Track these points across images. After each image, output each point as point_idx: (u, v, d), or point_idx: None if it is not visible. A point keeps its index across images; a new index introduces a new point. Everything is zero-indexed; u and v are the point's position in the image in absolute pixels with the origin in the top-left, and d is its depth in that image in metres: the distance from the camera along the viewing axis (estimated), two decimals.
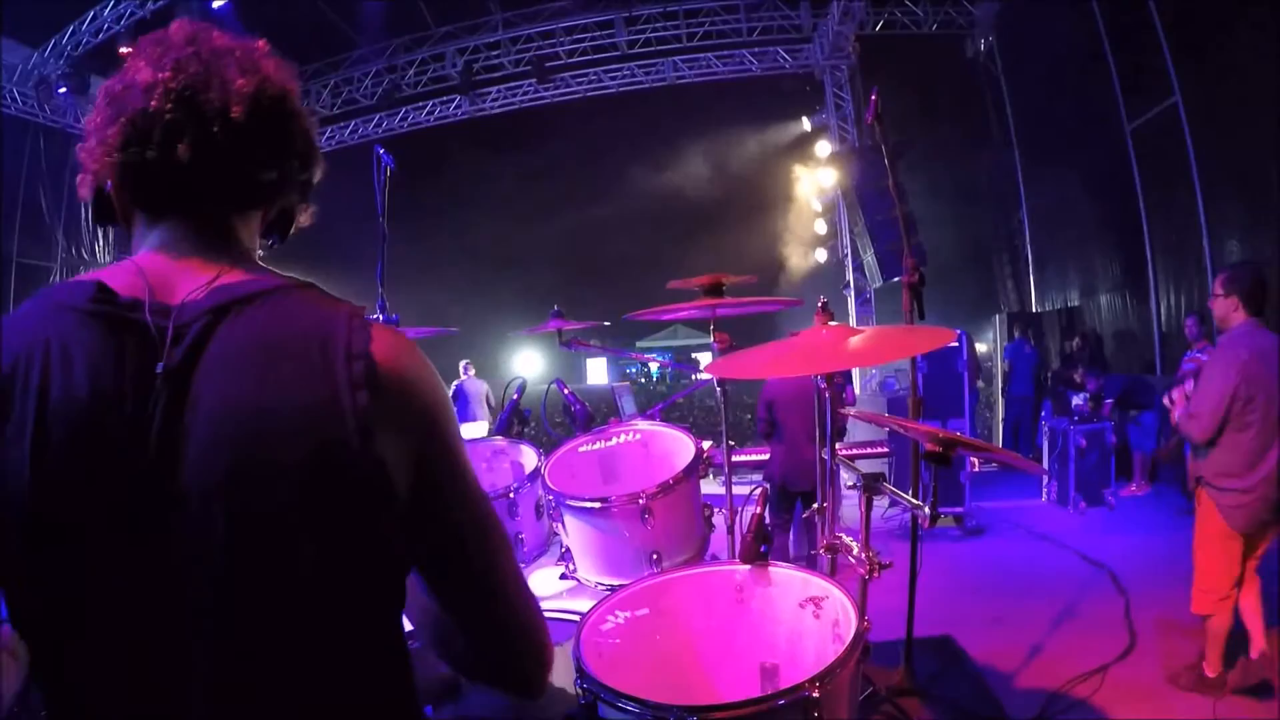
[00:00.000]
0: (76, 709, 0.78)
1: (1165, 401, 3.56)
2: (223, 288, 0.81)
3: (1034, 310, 10.25)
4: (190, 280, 0.82)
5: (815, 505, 2.61)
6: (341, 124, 12.06)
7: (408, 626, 0.91)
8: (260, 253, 0.95)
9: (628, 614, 1.68)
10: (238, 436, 0.74)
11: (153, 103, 0.81)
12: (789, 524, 4.61)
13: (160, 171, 0.82)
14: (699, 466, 2.23)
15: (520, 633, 0.92)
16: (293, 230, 0.99)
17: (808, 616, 1.65)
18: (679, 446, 2.42)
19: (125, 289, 0.80)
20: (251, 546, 0.75)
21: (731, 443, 2.61)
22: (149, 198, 0.86)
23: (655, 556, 2.07)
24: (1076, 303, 9.41)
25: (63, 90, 9.14)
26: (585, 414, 2.55)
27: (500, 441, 2.65)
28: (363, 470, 0.77)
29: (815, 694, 1.28)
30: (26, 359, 0.75)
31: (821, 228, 11.60)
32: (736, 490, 2.41)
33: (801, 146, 11.51)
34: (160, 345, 0.76)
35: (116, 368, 0.75)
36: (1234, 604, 3.13)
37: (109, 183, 0.85)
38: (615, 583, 2.04)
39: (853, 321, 10.32)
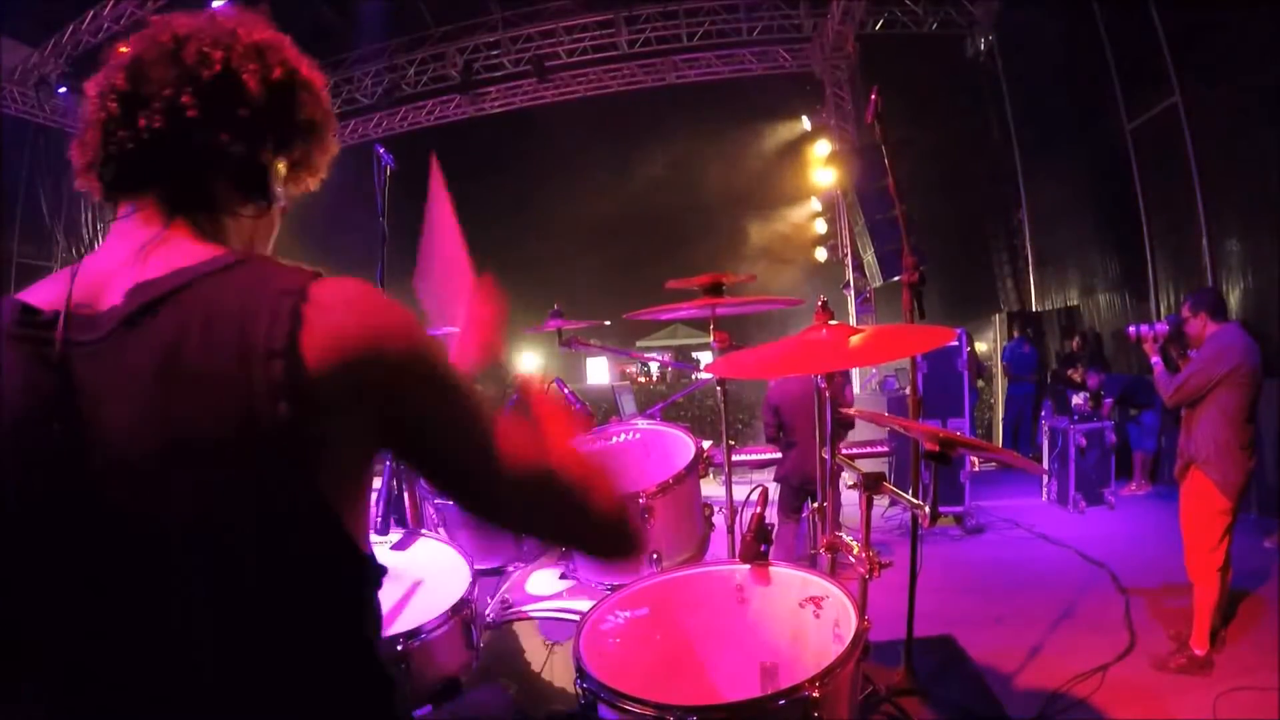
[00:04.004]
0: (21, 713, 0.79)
1: (1131, 330, 3.87)
2: (143, 285, 0.76)
3: (1034, 310, 10.25)
4: (127, 275, 0.78)
5: (815, 505, 2.61)
6: (342, 124, 12.05)
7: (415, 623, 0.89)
8: (252, 214, 0.89)
9: (628, 614, 1.68)
10: (148, 460, 0.71)
11: (87, 107, 0.85)
12: (798, 522, 4.62)
13: (91, 162, 0.85)
14: (699, 466, 2.23)
15: (573, 518, 0.88)
16: (274, 182, 0.88)
17: (808, 616, 1.65)
18: (679, 446, 2.42)
19: (51, 303, 0.78)
20: (180, 569, 0.73)
21: (731, 442, 2.62)
22: (101, 188, 0.87)
23: (655, 556, 2.07)
24: (1076, 302, 9.41)
25: (63, 90, 9.13)
26: (585, 414, 2.55)
27: None
28: (286, 488, 0.73)
29: (815, 694, 1.28)
30: None
31: (821, 228, 11.60)
32: (736, 490, 2.41)
33: (801, 146, 11.51)
34: (69, 365, 0.74)
35: (33, 393, 0.74)
36: (1224, 577, 3.40)
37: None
38: (615, 582, 2.05)
39: (852, 321, 10.32)
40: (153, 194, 0.84)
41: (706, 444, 2.33)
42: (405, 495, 2.93)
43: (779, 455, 4.80)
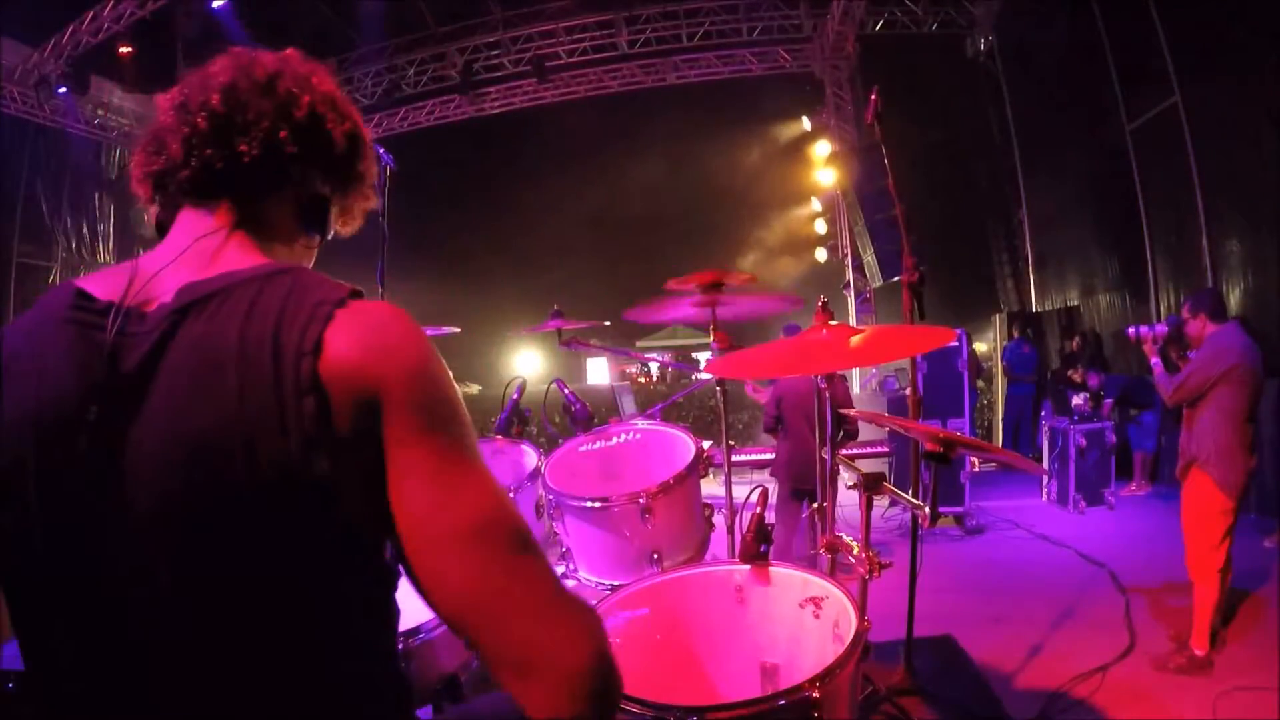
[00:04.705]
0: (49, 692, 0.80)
1: (1131, 331, 3.90)
2: (192, 284, 0.80)
3: (1034, 310, 10.25)
4: (181, 274, 0.82)
5: (815, 505, 2.61)
6: None
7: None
8: (304, 244, 0.97)
9: (628, 614, 1.68)
10: (183, 450, 0.73)
11: (161, 118, 0.90)
12: (795, 519, 4.61)
13: (164, 170, 0.89)
14: (699, 466, 2.23)
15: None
16: (331, 220, 0.99)
17: (808, 616, 1.65)
18: (679, 446, 2.42)
19: (107, 292, 0.81)
20: (193, 564, 0.74)
21: (731, 443, 2.62)
22: (162, 195, 0.92)
23: (655, 556, 2.07)
24: (1076, 302, 9.41)
25: (63, 90, 9.13)
26: (585, 414, 2.55)
27: (500, 441, 2.65)
28: (307, 490, 0.73)
29: (815, 694, 1.28)
30: (5, 367, 0.78)
31: (821, 228, 11.62)
32: (736, 490, 2.41)
33: (801, 146, 11.52)
34: (118, 354, 0.76)
35: (79, 375, 0.76)
36: (1225, 577, 3.40)
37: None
38: (615, 582, 2.05)
39: (853, 321, 10.32)
40: (224, 207, 0.89)
41: (706, 444, 2.33)
42: None
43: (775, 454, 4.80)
